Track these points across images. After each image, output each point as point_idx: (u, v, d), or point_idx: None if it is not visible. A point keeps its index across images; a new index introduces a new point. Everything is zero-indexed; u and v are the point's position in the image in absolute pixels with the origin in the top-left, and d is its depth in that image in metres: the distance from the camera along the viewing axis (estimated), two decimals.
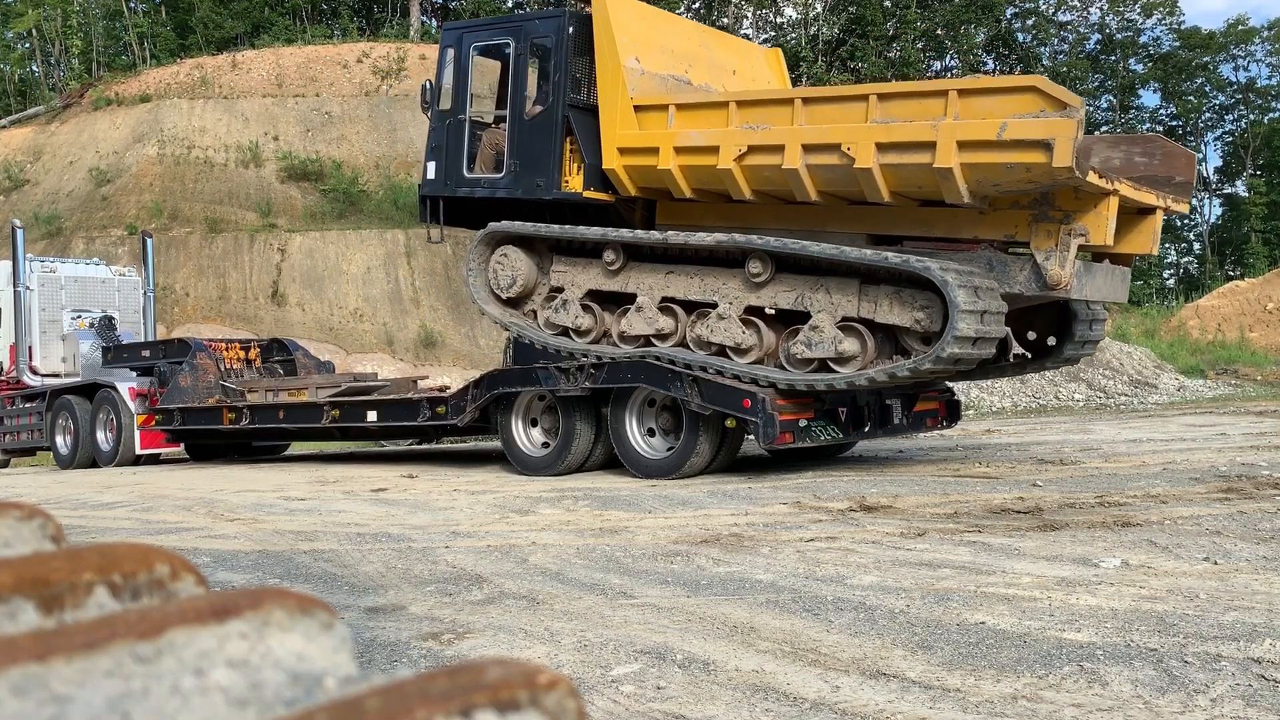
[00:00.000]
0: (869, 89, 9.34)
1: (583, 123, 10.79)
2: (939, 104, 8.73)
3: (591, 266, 10.84)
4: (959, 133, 8.54)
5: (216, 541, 7.38)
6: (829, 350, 9.20)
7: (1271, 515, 6.70)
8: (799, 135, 9.35)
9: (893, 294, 9.07)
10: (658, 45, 10.97)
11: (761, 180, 9.78)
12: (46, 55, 52.12)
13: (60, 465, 15.76)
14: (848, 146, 9.02)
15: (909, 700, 3.53)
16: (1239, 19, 56.81)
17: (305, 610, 0.59)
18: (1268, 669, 3.66)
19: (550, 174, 10.83)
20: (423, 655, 4.32)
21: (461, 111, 11.50)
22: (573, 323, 10.79)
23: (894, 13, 51.50)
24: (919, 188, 9.13)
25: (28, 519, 0.70)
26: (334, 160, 41.85)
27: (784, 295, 9.64)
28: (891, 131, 8.87)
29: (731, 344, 9.75)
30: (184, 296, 35.90)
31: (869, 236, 9.78)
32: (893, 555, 5.89)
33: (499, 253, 11.31)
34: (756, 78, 12.14)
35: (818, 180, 9.44)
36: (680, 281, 10.25)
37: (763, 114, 9.73)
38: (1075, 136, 8.16)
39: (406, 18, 53.48)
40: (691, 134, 10.01)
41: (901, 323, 9.01)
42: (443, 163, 11.64)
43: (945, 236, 9.47)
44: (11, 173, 41.44)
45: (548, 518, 7.79)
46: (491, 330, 35.73)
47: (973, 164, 8.57)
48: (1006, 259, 9.22)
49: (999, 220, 9.22)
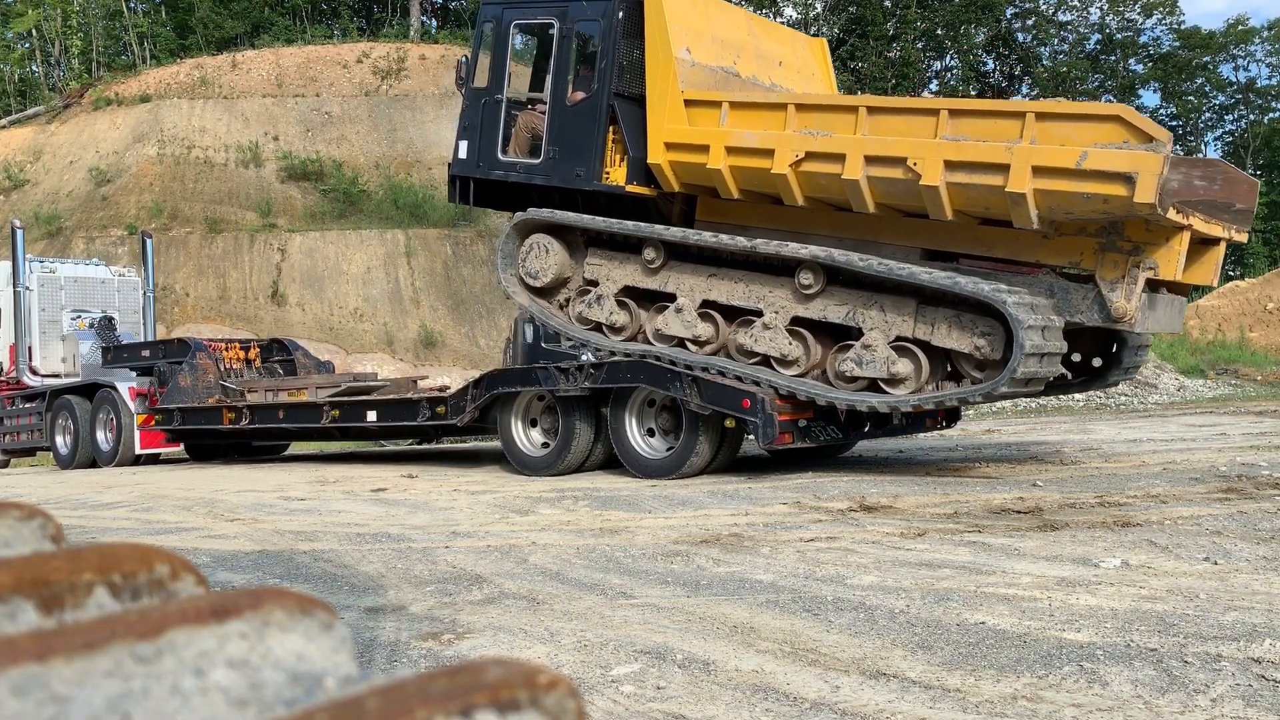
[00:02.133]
0: (940, 103, 8.92)
1: (628, 113, 10.38)
2: (1015, 125, 8.36)
3: (629, 262, 10.44)
4: (1035, 157, 8.16)
5: (216, 541, 7.37)
6: (881, 370, 8.87)
7: (1271, 515, 6.70)
8: (862, 145, 8.95)
9: (952, 318, 8.73)
10: (709, 34, 10.54)
11: (817, 188, 9.43)
12: (46, 55, 52.10)
13: (60, 465, 15.76)
14: (914, 162, 8.64)
15: (909, 700, 3.53)
16: (1239, 19, 56.90)
17: (305, 610, 0.59)
18: (1268, 669, 3.66)
19: (591, 164, 10.44)
20: (423, 655, 4.32)
21: (498, 91, 11.08)
22: (607, 319, 10.44)
23: (894, 13, 51.52)
24: (985, 209, 8.80)
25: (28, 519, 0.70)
26: (334, 160, 41.85)
27: (834, 309, 9.26)
28: (962, 150, 8.51)
29: (777, 355, 9.42)
30: (184, 296, 35.90)
31: (924, 251, 9.41)
32: (893, 555, 5.89)
33: (533, 240, 10.89)
34: (802, 69, 11.67)
35: (877, 192, 9.07)
36: (723, 285, 9.87)
37: (823, 120, 9.32)
38: (1160, 172, 7.80)
39: (406, 18, 53.47)
40: (746, 134, 9.61)
41: (960, 348, 8.68)
42: (475, 142, 11.20)
43: (1005, 258, 9.09)
44: (11, 173, 41.43)
45: (548, 518, 7.78)
46: (491, 330, 35.74)
47: (1047, 191, 8.20)
48: (1069, 286, 8.86)
49: (1063, 246, 8.85)
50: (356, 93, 45.02)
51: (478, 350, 35.66)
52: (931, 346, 8.83)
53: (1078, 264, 8.86)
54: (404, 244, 38.61)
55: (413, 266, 38.27)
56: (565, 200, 10.84)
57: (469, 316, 37.34)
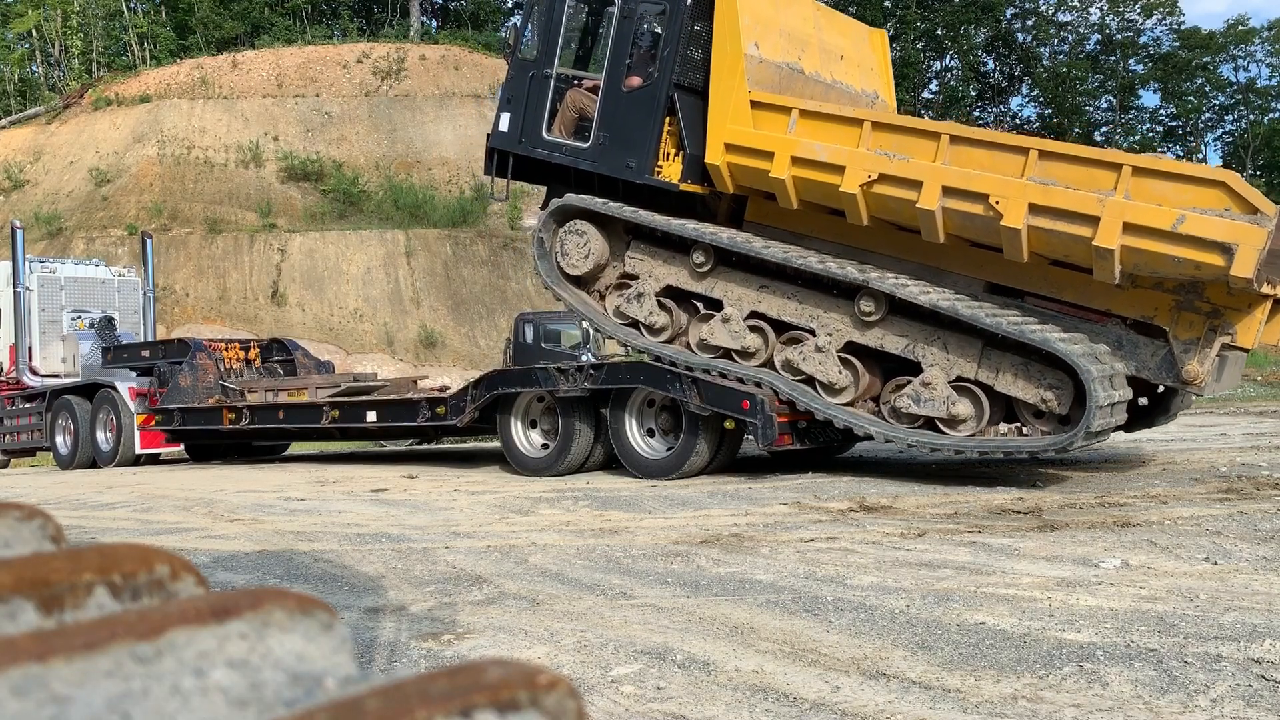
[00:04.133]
0: (1031, 142, 8.44)
1: (688, 106, 9.84)
2: (1109, 176, 7.92)
3: (674, 261, 9.98)
4: (1128, 214, 7.73)
5: (216, 542, 7.37)
6: (940, 410, 8.51)
7: (1271, 515, 6.70)
8: (941, 175, 8.46)
9: (1019, 365, 8.34)
10: (777, 27, 9.94)
11: (886, 211, 8.98)
12: (46, 55, 52.12)
13: (60, 465, 15.76)
14: (996, 200, 8.19)
15: (909, 700, 3.53)
16: (1239, 19, 56.98)
17: (305, 610, 0.59)
18: (1268, 669, 3.66)
19: (644, 157, 9.87)
20: (423, 655, 4.32)
21: (548, 65, 10.45)
22: (645, 318, 10.03)
23: (894, 13, 51.53)
24: (1065, 255, 8.40)
25: (28, 519, 0.70)
26: (334, 160, 41.88)
27: (893, 340, 8.86)
28: (1050, 195, 8.04)
29: (824, 380, 9.08)
30: (184, 297, 35.91)
31: (988, 284, 9.02)
32: (893, 555, 5.89)
33: (572, 226, 10.41)
34: (862, 63, 11.10)
35: (952, 224, 8.64)
36: (774, 300, 9.43)
37: (901, 142, 8.81)
38: (1263, 246, 7.41)
39: (406, 18, 53.49)
40: (815, 146, 9.07)
41: (1025, 398, 8.30)
42: (519, 117, 10.58)
43: (1074, 303, 8.68)
44: (11, 173, 41.44)
45: (548, 518, 7.78)
46: (491, 330, 35.76)
47: (1136, 249, 7.79)
48: (1138, 340, 8.47)
49: (1137, 298, 8.41)
50: (356, 93, 45.04)
51: (478, 350, 35.67)
52: (993, 390, 8.45)
53: (1150, 318, 8.44)
54: (404, 244, 38.62)
55: (413, 267, 38.28)
56: (605, 186, 10.33)
57: (469, 317, 37.35)
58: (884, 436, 8.78)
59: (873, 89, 11.13)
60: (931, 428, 8.65)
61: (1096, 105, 60.37)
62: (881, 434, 8.77)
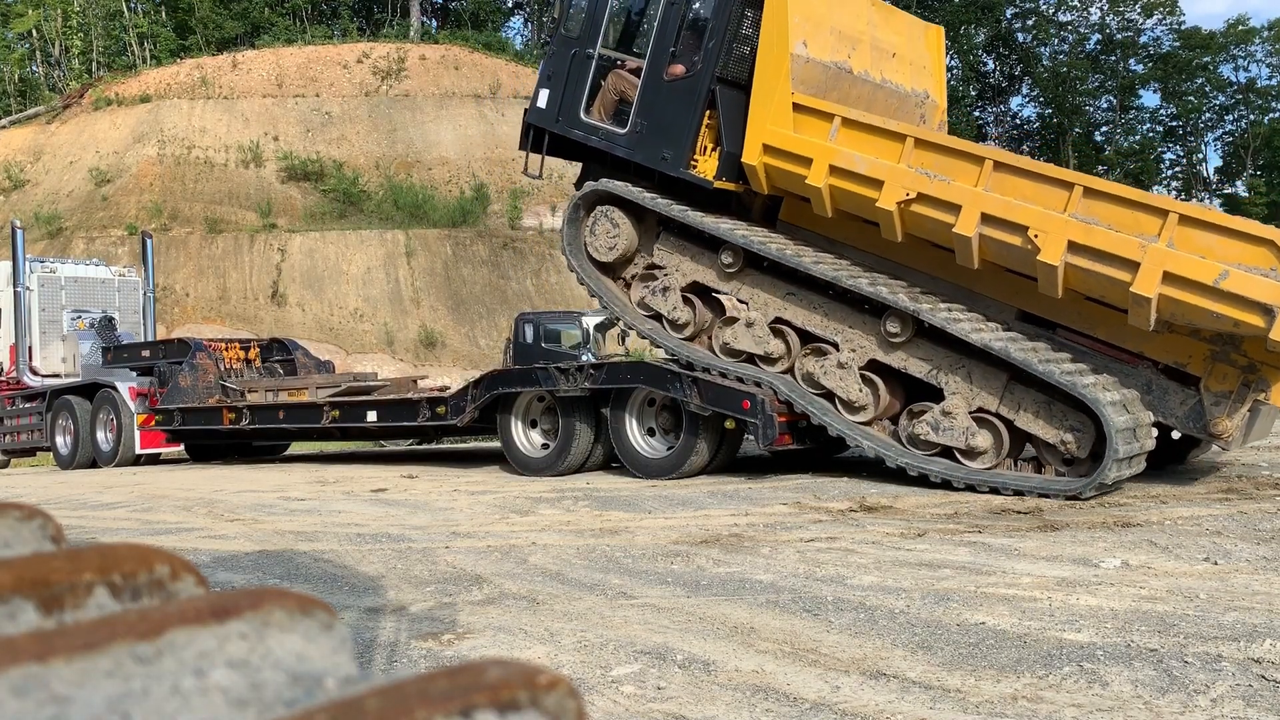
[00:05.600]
0: (1077, 177, 8.21)
1: (729, 100, 9.61)
2: (1154, 222, 7.64)
3: (702, 258, 9.84)
4: (1169, 263, 7.46)
5: (216, 542, 7.37)
6: (958, 440, 8.36)
7: (1271, 515, 6.70)
8: (980, 201, 8.22)
9: (1042, 403, 8.16)
10: (828, 25, 9.66)
11: (921, 229, 8.78)
12: (46, 55, 52.13)
13: (60, 465, 15.77)
14: (1035, 234, 7.96)
15: (909, 700, 3.53)
16: (1239, 19, 56.95)
17: (305, 610, 0.59)
18: (1268, 669, 3.66)
19: (680, 149, 9.68)
20: (423, 655, 4.32)
21: (590, 45, 10.23)
22: (669, 312, 9.89)
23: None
24: (1101, 295, 8.17)
25: (28, 519, 0.70)
26: (334, 160, 41.89)
27: (916, 363, 8.71)
28: (1091, 234, 7.79)
29: (844, 396, 8.93)
30: (184, 297, 35.91)
31: (1020, 312, 8.82)
32: (893, 555, 5.89)
33: (604, 210, 10.25)
34: (914, 61, 10.78)
35: (987, 252, 8.45)
36: (799, 309, 9.28)
37: (943, 163, 8.58)
38: None
39: (406, 18, 53.51)
40: (855, 157, 8.85)
41: (1045, 437, 8.13)
42: (558, 94, 10.39)
43: (1106, 340, 8.47)
44: (11, 173, 41.45)
45: (548, 518, 7.78)
46: (491, 330, 35.77)
47: (1174, 299, 7.53)
48: (1168, 386, 8.25)
49: (1171, 344, 8.18)
50: (356, 93, 45.05)
51: (478, 350, 35.68)
52: (1013, 424, 8.28)
53: (1183, 366, 8.18)
54: (404, 244, 38.63)
55: (413, 267, 38.29)
56: (641, 172, 10.12)
57: (469, 317, 37.36)
58: (895, 462, 8.58)
59: (923, 88, 10.84)
60: (948, 456, 8.48)
61: (1096, 105, 60.42)
62: (899, 462, 8.55)
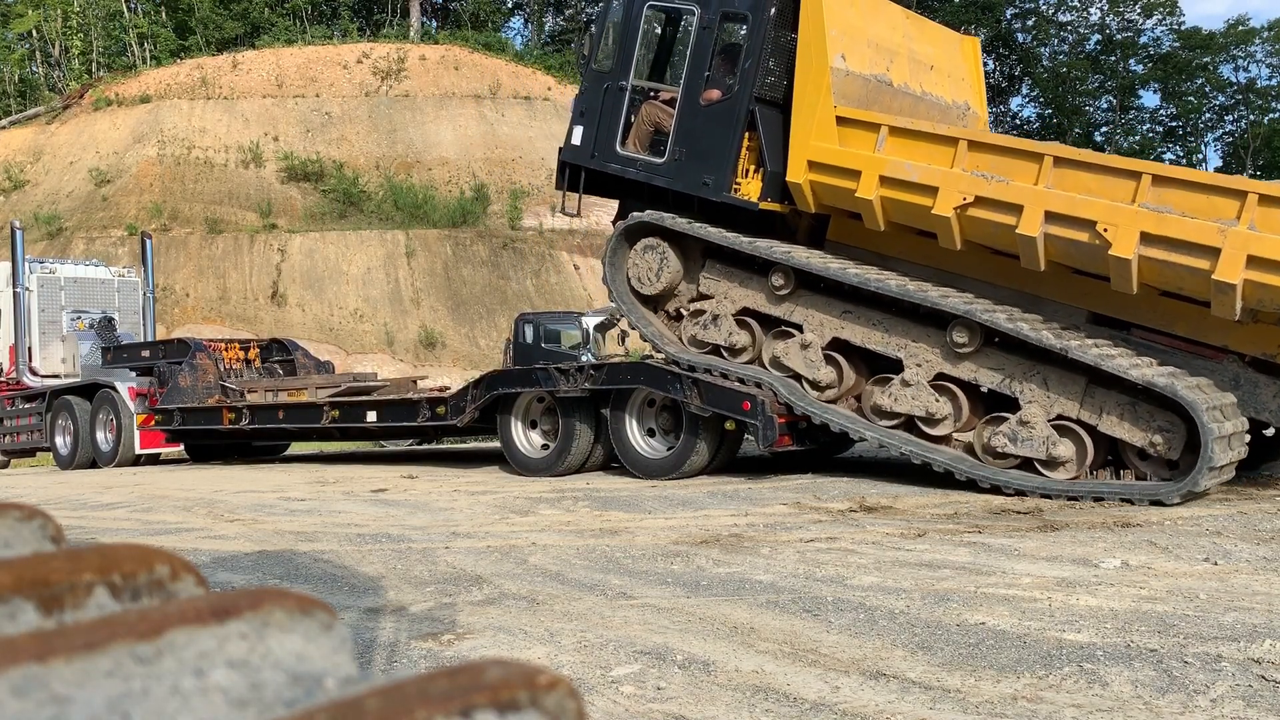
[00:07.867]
0: (1144, 165, 7.93)
1: (769, 120, 9.39)
2: (1232, 205, 7.32)
3: (751, 283, 9.53)
4: (1253, 246, 7.17)
5: (216, 542, 7.37)
6: (1039, 451, 7.95)
7: (1271, 515, 6.70)
8: (1043, 199, 7.94)
9: (1126, 405, 7.76)
10: (865, 38, 9.46)
11: (982, 235, 8.48)
12: (46, 56, 52.13)
13: (60, 465, 15.76)
14: (1105, 227, 7.65)
15: (909, 701, 3.53)
16: (1239, 19, 56.99)
17: (305, 611, 0.59)
18: (1268, 669, 3.66)
19: (722, 173, 9.45)
20: (423, 655, 4.32)
21: (623, 77, 10.06)
22: (725, 340, 9.55)
23: None
24: (1179, 287, 7.87)
25: (28, 519, 0.70)
26: (334, 160, 41.88)
27: (988, 373, 8.35)
28: (1164, 223, 7.48)
29: (922, 414, 8.54)
30: (184, 297, 35.91)
31: (1091, 314, 8.51)
32: (893, 556, 5.89)
33: (647, 243, 9.99)
34: (952, 73, 10.60)
35: (1054, 252, 8.13)
36: (857, 327, 8.94)
37: (1000, 164, 8.27)
38: None
39: (406, 18, 53.51)
40: (906, 166, 8.56)
41: (1132, 440, 7.74)
42: (592, 130, 10.20)
43: (1186, 337, 8.14)
44: (11, 173, 41.45)
45: (548, 518, 7.78)
46: (491, 330, 35.77)
47: (1262, 284, 7.25)
48: (1258, 380, 7.95)
49: (1257, 334, 7.89)
50: (356, 93, 45.05)
51: (478, 351, 35.67)
52: (1096, 430, 7.92)
53: (1271, 357, 7.91)
54: (404, 244, 38.63)
55: (413, 267, 38.29)
56: (680, 201, 9.91)
57: (469, 317, 37.35)
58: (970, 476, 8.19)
59: (964, 100, 10.69)
60: (1028, 468, 8.11)
61: (1096, 105, 60.44)
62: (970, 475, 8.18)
